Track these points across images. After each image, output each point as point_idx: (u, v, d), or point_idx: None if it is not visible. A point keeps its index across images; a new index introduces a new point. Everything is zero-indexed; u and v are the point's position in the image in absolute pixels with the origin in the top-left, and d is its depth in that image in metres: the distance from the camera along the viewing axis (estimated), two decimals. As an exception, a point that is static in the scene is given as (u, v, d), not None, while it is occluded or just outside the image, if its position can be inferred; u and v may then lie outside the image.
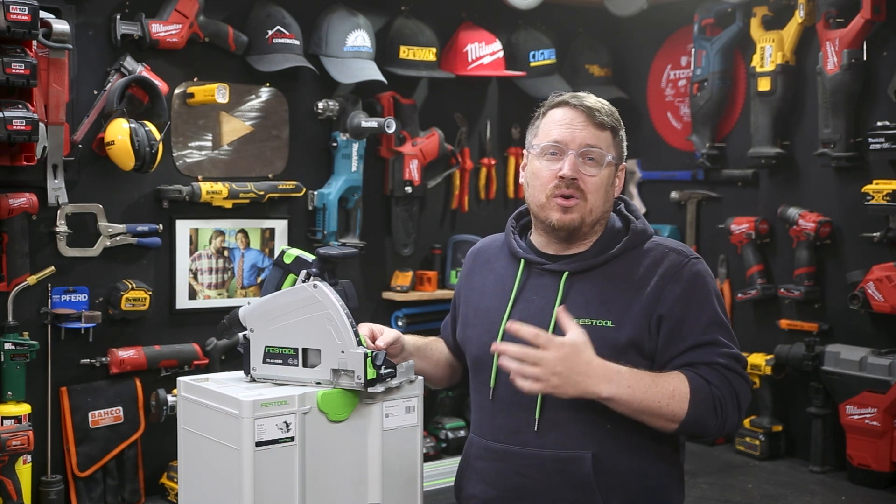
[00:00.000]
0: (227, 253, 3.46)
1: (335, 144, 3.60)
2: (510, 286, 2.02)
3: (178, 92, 3.31)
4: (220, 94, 3.27)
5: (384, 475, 1.93)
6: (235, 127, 3.45)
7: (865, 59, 3.52)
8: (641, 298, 1.90)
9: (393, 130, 3.60)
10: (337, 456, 1.89)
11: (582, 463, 1.89)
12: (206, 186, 3.32)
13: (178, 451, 2.01)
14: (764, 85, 3.80)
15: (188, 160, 3.36)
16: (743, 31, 3.95)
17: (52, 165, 3.00)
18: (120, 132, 3.01)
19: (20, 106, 2.79)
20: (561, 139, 1.95)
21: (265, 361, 1.96)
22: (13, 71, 2.73)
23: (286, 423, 1.82)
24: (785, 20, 3.80)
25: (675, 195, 4.26)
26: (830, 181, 3.70)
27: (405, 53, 3.72)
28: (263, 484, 1.79)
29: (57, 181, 3.02)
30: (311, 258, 2.19)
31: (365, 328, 2.00)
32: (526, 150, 2.06)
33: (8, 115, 2.74)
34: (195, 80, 3.35)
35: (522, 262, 2.03)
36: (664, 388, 1.83)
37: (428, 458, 3.59)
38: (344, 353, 1.87)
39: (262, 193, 3.44)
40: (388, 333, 2.02)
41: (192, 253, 3.38)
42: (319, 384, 1.89)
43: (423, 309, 3.87)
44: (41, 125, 2.87)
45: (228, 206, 3.40)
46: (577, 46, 4.28)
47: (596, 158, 1.95)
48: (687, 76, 4.25)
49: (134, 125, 3.01)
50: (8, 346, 2.91)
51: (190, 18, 3.23)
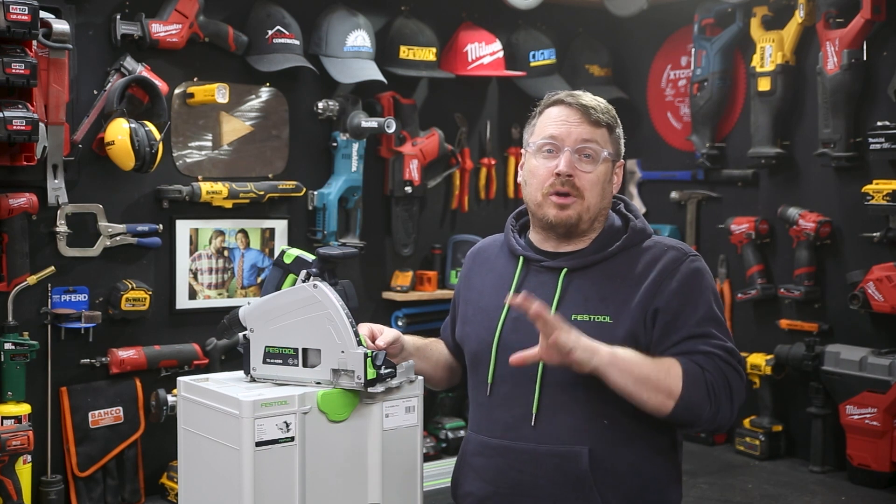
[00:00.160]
0: (227, 253, 3.46)
1: (335, 144, 3.60)
2: (509, 283, 2.03)
3: (178, 92, 3.31)
4: (220, 94, 3.27)
5: (384, 475, 1.93)
6: (235, 127, 3.45)
7: (865, 59, 3.52)
8: (639, 293, 1.91)
9: (393, 130, 3.60)
10: (337, 456, 1.89)
11: (579, 458, 1.89)
12: (206, 186, 3.32)
13: (178, 451, 2.01)
14: (764, 85, 3.80)
15: (188, 160, 3.36)
16: (743, 31, 3.95)
17: (52, 165, 3.00)
18: (120, 132, 3.01)
19: (20, 106, 2.79)
20: (557, 135, 1.96)
21: (265, 361, 1.96)
22: (13, 71, 2.73)
23: (286, 423, 1.81)
24: (785, 20, 3.80)
25: (675, 195, 4.26)
26: (830, 181, 3.70)
27: (405, 53, 3.72)
28: (263, 484, 1.79)
29: (57, 181, 3.02)
30: (311, 258, 2.19)
31: (365, 328, 2.00)
32: (523, 149, 2.07)
33: (8, 115, 2.74)
34: (195, 80, 3.35)
35: (521, 259, 2.04)
36: (660, 364, 1.85)
37: (428, 458, 3.59)
38: (344, 353, 1.87)
39: (262, 193, 3.44)
40: (387, 333, 2.02)
41: (192, 253, 3.38)
42: (319, 384, 1.89)
43: (423, 309, 3.87)
44: (41, 125, 2.87)
45: (228, 206, 3.40)
46: (577, 46, 4.28)
47: (592, 155, 1.96)
48: (687, 76, 4.24)
49: (134, 125, 3.01)
50: (8, 346, 2.91)
51: (190, 18, 3.23)
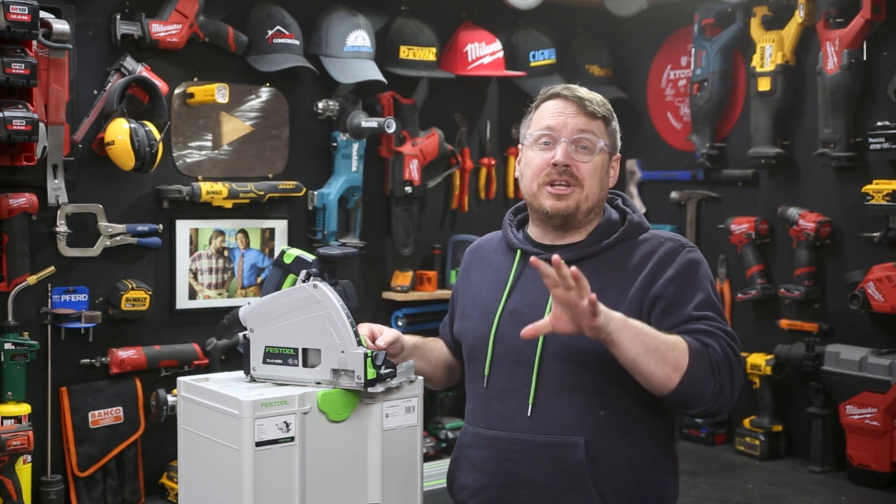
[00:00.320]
0: (227, 253, 3.45)
1: (335, 144, 3.60)
2: (506, 276, 2.04)
3: (178, 92, 3.31)
4: (220, 94, 3.27)
5: (384, 475, 1.93)
6: (235, 127, 3.45)
7: (865, 59, 3.52)
8: (636, 284, 1.91)
9: (393, 130, 3.60)
10: (337, 456, 1.89)
11: (575, 449, 1.88)
12: (206, 186, 3.32)
13: (178, 451, 2.01)
14: (764, 85, 3.80)
15: (188, 160, 3.36)
16: (743, 31, 3.95)
17: (52, 165, 3.00)
18: (120, 132, 3.01)
19: (20, 106, 2.79)
20: (553, 126, 1.98)
21: (265, 361, 1.96)
22: (13, 71, 2.73)
23: (286, 423, 1.81)
24: (785, 20, 3.80)
25: (675, 195, 4.26)
26: (830, 181, 3.70)
27: (405, 53, 3.72)
28: (263, 484, 1.79)
29: (57, 181, 3.02)
30: (311, 258, 2.19)
31: (365, 328, 2.00)
32: (520, 143, 2.08)
33: (8, 115, 2.74)
34: (195, 80, 3.35)
35: (518, 252, 2.04)
36: (668, 337, 1.81)
37: (428, 458, 3.59)
38: (344, 353, 1.87)
39: (262, 193, 3.44)
40: (387, 333, 2.02)
41: (192, 253, 3.38)
42: (319, 384, 1.89)
43: (423, 309, 3.87)
44: (41, 125, 2.87)
45: (228, 206, 3.40)
46: (577, 46, 4.28)
47: (588, 146, 1.97)
48: (687, 76, 4.24)
49: (134, 125, 3.01)
50: (8, 346, 2.91)
51: (190, 18, 3.23)
